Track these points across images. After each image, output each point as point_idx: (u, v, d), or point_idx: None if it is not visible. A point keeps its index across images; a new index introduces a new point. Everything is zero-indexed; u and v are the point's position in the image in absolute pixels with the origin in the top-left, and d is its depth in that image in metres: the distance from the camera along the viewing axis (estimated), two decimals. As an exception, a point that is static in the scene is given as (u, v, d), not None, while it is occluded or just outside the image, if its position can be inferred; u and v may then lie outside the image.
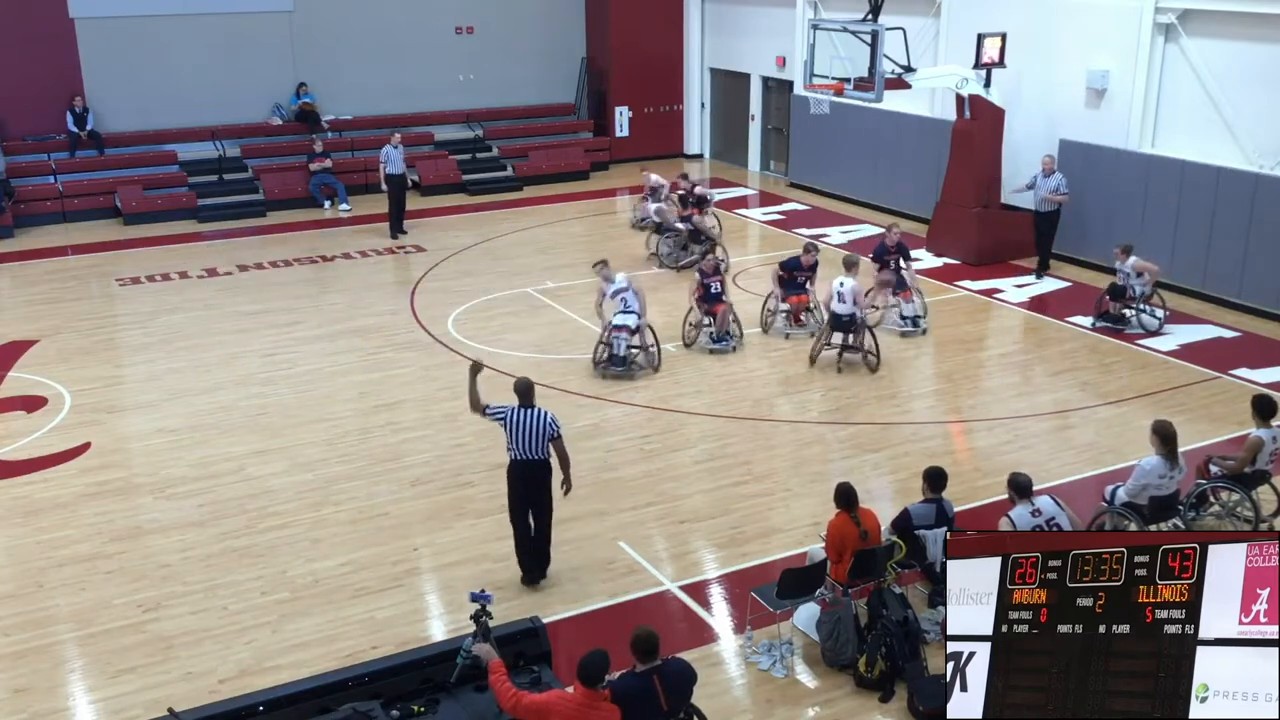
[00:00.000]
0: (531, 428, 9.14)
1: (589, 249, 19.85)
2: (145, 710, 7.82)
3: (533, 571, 9.52)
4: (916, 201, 20.96)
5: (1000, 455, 11.81)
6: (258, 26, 23.68)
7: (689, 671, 6.60)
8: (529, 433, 9.15)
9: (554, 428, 9.18)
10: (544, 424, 9.15)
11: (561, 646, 7.12)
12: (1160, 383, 13.68)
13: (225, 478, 11.44)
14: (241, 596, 9.36)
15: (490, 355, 14.59)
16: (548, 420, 9.17)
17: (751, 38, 25.41)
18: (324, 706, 6.30)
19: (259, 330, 15.81)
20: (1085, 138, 18.02)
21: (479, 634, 6.56)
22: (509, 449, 9.24)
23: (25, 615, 9.15)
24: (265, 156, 23.64)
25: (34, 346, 15.24)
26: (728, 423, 12.67)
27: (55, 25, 22.11)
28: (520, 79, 26.45)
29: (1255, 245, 15.90)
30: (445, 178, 24.27)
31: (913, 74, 17.68)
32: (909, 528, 8.75)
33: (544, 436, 9.15)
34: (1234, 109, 16.21)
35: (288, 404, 13.26)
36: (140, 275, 18.50)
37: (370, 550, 10.05)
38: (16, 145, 22.17)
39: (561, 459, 9.28)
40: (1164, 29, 16.92)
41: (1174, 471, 9.25)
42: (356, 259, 19.44)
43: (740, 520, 10.53)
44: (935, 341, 15.37)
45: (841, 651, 8.30)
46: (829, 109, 18.16)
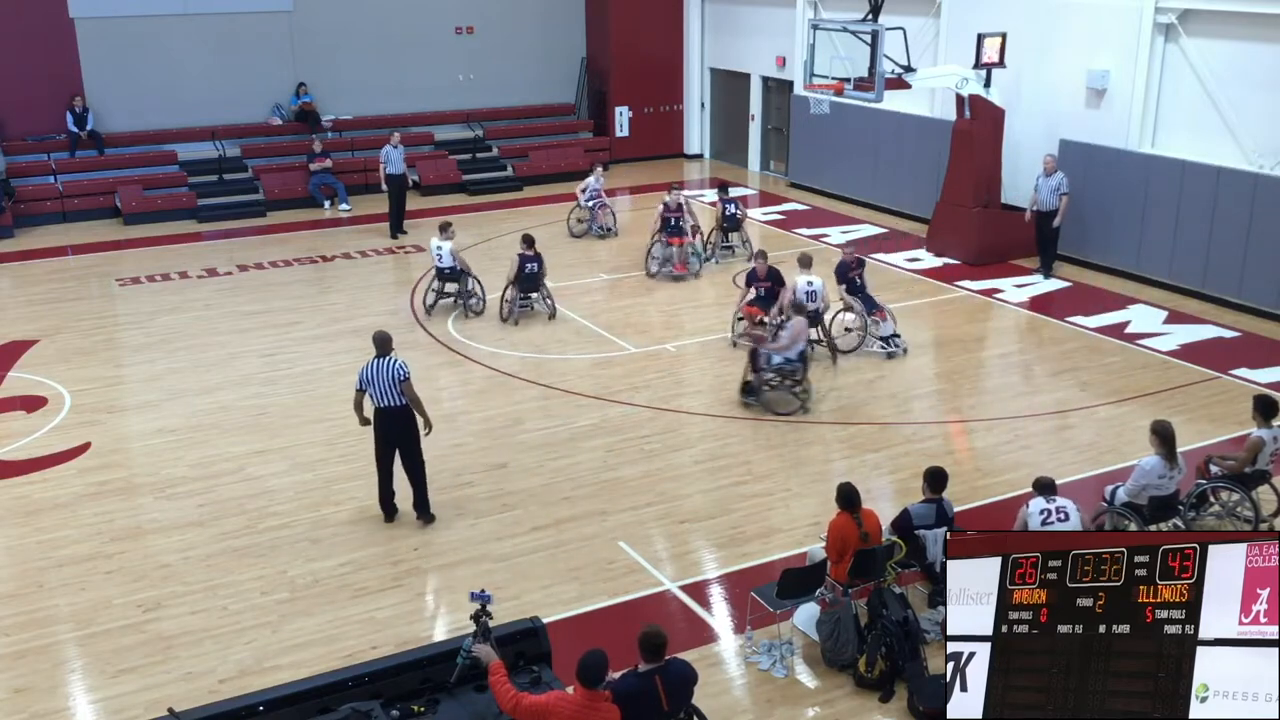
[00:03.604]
0: (383, 375, 10.04)
1: (589, 249, 19.87)
2: (145, 710, 7.82)
3: (394, 513, 10.47)
4: (916, 201, 20.96)
5: (1000, 455, 11.81)
6: (257, 26, 23.68)
7: (690, 672, 6.60)
8: (382, 380, 10.05)
9: (402, 371, 10.05)
10: (393, 370, 10.03)
11: (561, 646, 7.10)
12: (1160, 383, 13.68)
13: (225, 478, 11.45)
14: (241, 596, 9.36)
15: (491, 355, 14.60)
16: (396, 365, 10.06)
17: (751, 38, 25.41)
18: (324, 706, 6.30)
19: (259, 330, 15.81)
20: (1085, 138, 18.02)
21: (479, 634, 6.56)
22: (371, 399, 10.16)
23: (25, 615, 9.15)
24: (265, 156, 23.64)
25: (34, 346, 15.24)
26: (728, 423, 12.67)
27: (55, 25, 22.11)
28: (520, 79, 26.45)
29: (1255, 245, 15.90)
30: (445, 178, 24.27)
31: (913, 74, 17.67)
32: (909, 528, 8.75)
33: (395, 381, 10.01)
34: (1234, 109, 16.21)
35: (288, 404, 13.27)
36: (140, 275, 18.50)
37: (370, 550, 10.05)
38: (16, 145, 22.17)
39: (412, 401, 10.12)
40: (1164, 29, 16.92)
41: (1174, 471, 9.26)
42: (356, 259, 19.44)
43: (740, 520, 10.53)
44: (935, 341, 15.37)
45: (841, 651, 8.30)
46: (829, 109, 18.16)
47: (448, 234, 16.19)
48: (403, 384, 10.05)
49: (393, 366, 10.07)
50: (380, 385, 10.08)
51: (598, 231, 20.47)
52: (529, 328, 15.81)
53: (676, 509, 10.72)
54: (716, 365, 14.27)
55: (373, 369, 10.11)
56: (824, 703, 8.06)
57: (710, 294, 17.08)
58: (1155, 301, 16.63)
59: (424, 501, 10.50)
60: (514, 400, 13.28)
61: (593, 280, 18.01)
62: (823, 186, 23.61)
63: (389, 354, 10.18)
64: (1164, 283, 17.13)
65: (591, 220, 20.62)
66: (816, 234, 20.48)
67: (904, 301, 16.83)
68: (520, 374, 14.07)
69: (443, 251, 16.08)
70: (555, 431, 12.42)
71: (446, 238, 16.12)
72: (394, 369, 10.06)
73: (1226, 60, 16.22)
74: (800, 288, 14.02)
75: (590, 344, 15.16)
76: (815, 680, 8.30)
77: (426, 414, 10.30)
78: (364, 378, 10.18)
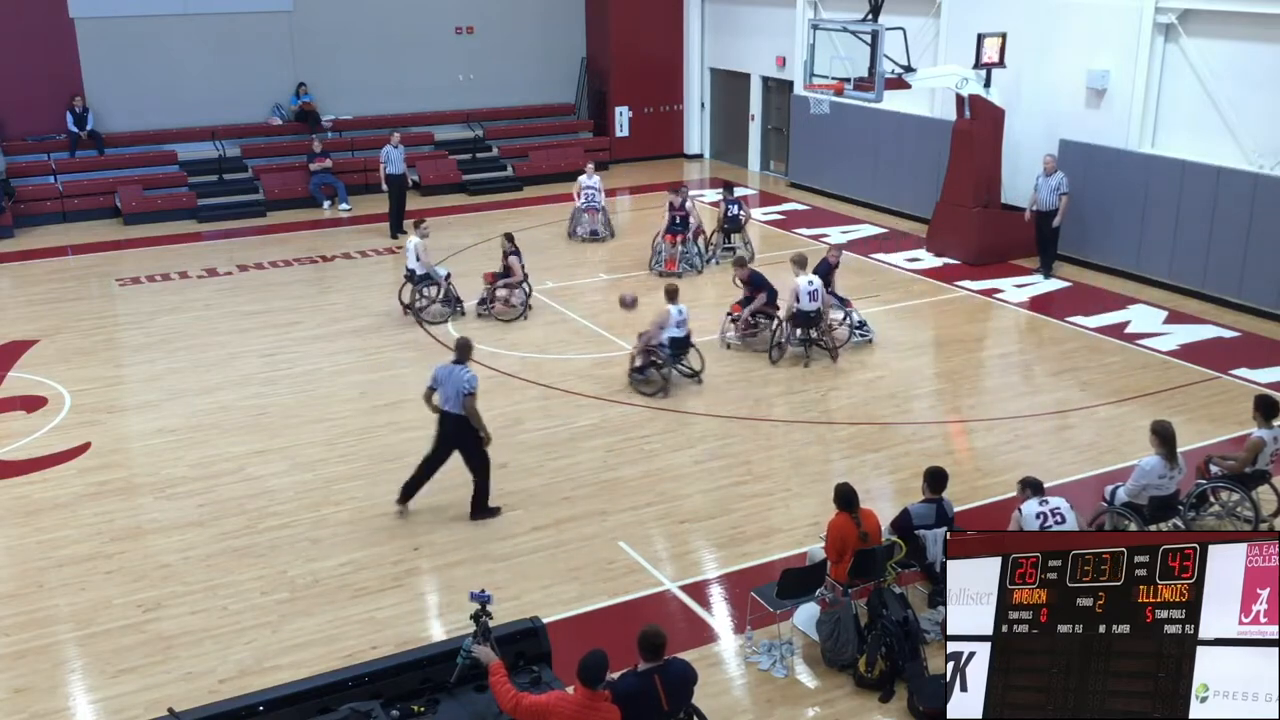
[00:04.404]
0: (451, 381, 10.07)
1: (589, 249, 19.86)
2: (145, 710, 7.82)
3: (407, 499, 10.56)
4: (916, 201, 20.96)
5: (1000, 455, 11.81)
6: (257, 26, 23.68)
7: (690, 672, 6.60)
8: (449, 386, 10.08)
9: (469, 384, 10.02)
10: (460, 380, 10.02)
11: (561, 646, 7.10)
12: (1160, 383, 13.68)
13: (225, 478, 11.45)
14: (241, 596, 9.36)
15: (491, 355, 14.60)
16: (466, 377, 10.03)
17: (751, 38, 25.41)
18: (324, 706, 6.30)
19: (259, 330, 15.81)
20: (1085, 138, 18.02)
21: (479, 633, 6.56)
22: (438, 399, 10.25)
23: (25, 615, 9.15)
24: (265, 156, 23.64)
25: (34, 346, 15.24)
26: (728, 423, 12.67)
27: (55, 25, 22.11)
28: (520, 79, 26.45)
29: (1255, 245, 15.90)
30: (445, 178, 24.28)
31: (913, 74, 17.68)
32: (909, 528, 8.75)
33: (459, 392, 10.00)
34: (1234, 109, 16.21)
35: (288, 404, 13.27)
36: (140, 275, 18.50)
37: (370, 550, 10.05)
38: (16, 145, 22.17)
39: (471, 414, 10.10)
40: (1164, 29, 16.92)
41: (1174, 471, 9.26)
42: (356, 259, 19.44)
43: (740, 520, 10.53)
44: (935, 341, 15.38)
45: (841, 651, 8.30)
46: (829, 109, 18.16)
47: (420, 230, 16.10)
48: (465, 397, 10.02)
49: (462, 377, 10.05)
50: (447, 389, 10.11)
51: (582, 235, 20.23)
52: (529, 328, 15.81)
53: (676, 509, 10.72)
54: (716, 365, 14.26)
55: (446, 371, 10.15)
56: (824, 703, 8.06)
57: (711, 294, 17.07)
58: (1155, 301, 16.64)
59: (481, 503, 10.49)
60: (514, 400, 13.28)
61: (593, 280, 18.02)
62: (823, 186, 23.61)
63: (464, 362, 10.20)
64: (1164, 283, 17.13)
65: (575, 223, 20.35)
66: (816, 234, 20.48)
67: (904, 301, 16.86)
68: (520, 374, 14.07)
69: (409, 249, 16.03)
70: (555, 431, 12.42)
71: (420, 234, 16.03)
72: (462, 379, 10.04)
73: (1226, 60, 16.22)
74: (802, 288, 14.06)
75: (590, 344, 15.17)
76: (815, 680, 8.31)
77: (485, 428, 10.27)
78: (436, 377, 10.22)
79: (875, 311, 16.18)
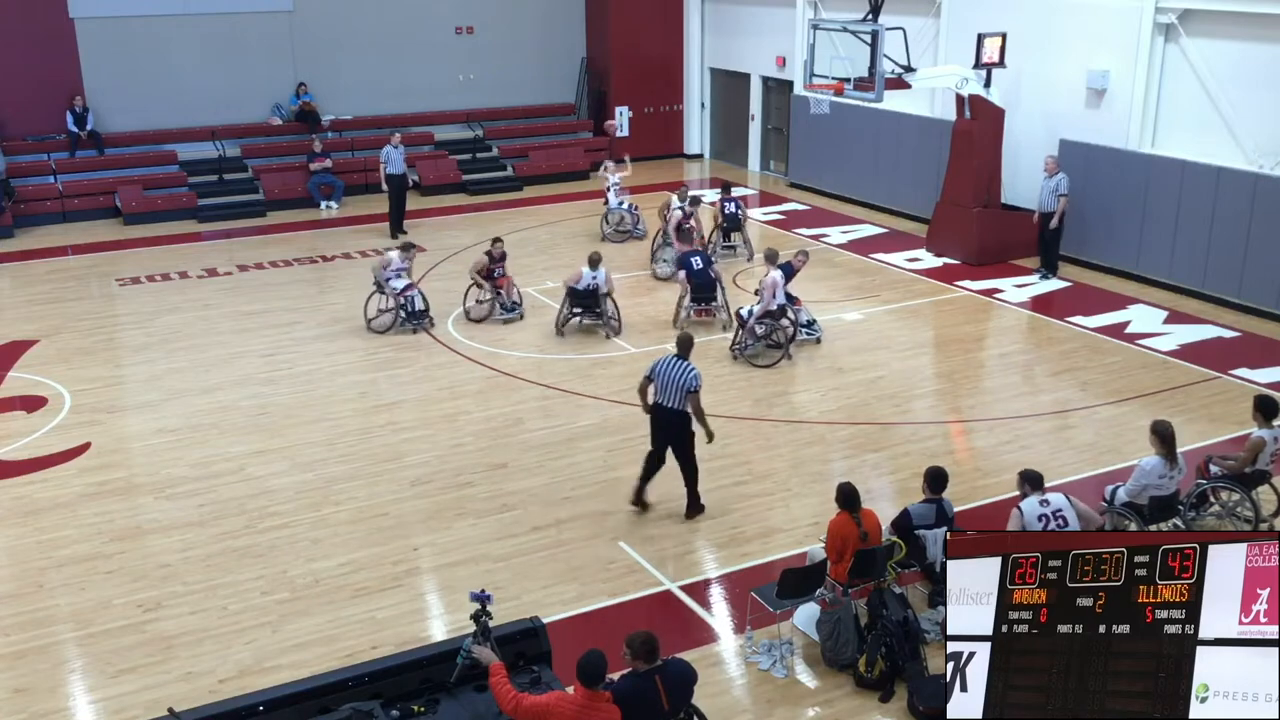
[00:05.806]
0: (673, 376, 10.01)
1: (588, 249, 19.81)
2: (145, 710, 7.82)
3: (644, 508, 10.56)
4: (916, 201, 20.96)
5: (1000, 455, 11.81)
6: (257, 26, 23.69)
7: (690, 672, 6.60)
8: (670, 380, 10.02)
9: (694, 381, 9.97)
10: (685, 375, 9.97)
11: (561, 646, 7.10)
12: (1160, 383, 13.68)
13: (225, 478, 11.44)
14: (241, 596, 9.35)
15: (491, 355, 14.60)
16: (691, 374, 9.98)
17: (751, 38, 25.41)
18: (324, 706, 6.30)
19: (259, 330, 15.81)
20: (1085, 138, 18.02)
21: (479, 633, 6.55)
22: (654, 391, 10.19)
23: (25, 615, 9.15)
24: (265, 156, 23.65)
25: (34, 346, 15.24)
26: (728, 423, 12.66)
27: (55, 25, 22.12)
28: (520, 79, 26.46)
29: (1255, 245, 15.90)
30: (445, 178, 24.28)
31: (913, 74, 17.68)
32: (909, 528, 8.75)
33: (681, 387, 9.95)
34: (1234, 109, 16.21)
35: (288, 404, 13.26)
36: (140, 275, 18.50)
37: (370, 550, 10.05)
38: (16, 145, 22.17)
39: (696, 412, 10.07)
40: (1164, 29, 16.92)
41: (1174, 471, 9.26)
42: (356, 259, 19.44)
43: (740, 520, 10.53)
44: (935, 341, 15.38)
45: (841, 651, 8.30)
46: (829, 109, 18.17)
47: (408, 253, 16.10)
48: (689, 394, 9.97)
49: (686, 372, 10.00)
50: (666, 383, 10.06)
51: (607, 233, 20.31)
52: (529, 328, 15.80)
53: (676, 509, 10.71)
54: (716, 365, 14.26)
55: (667, 364, 10.10)
56: (824, 703, 8.06)
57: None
58: (1155, 301, 16.64)
59: (693, 502, 10.53)
60: (514, 400, 13.28)
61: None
62: (823, 186, 23.62)
63: (686, 358, 10.16)
64: (1164, 283, 17.13)
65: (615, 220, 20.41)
66: (816, 234, 20.48)
67: (904, 302, 16.86)
68: (520, 374, 14.07)
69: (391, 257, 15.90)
70: (555, 431, 12.42)
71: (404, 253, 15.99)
72: (686, 375, 9.99)
73: (1226, 60, 16.22)
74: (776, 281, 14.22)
75: (590, 344, 15.16)
76: (815, 680, 8.30)
77: (708, 426, 10.27)
78: (656, 369, 10.17)
79: (876, 311, 16.20)
